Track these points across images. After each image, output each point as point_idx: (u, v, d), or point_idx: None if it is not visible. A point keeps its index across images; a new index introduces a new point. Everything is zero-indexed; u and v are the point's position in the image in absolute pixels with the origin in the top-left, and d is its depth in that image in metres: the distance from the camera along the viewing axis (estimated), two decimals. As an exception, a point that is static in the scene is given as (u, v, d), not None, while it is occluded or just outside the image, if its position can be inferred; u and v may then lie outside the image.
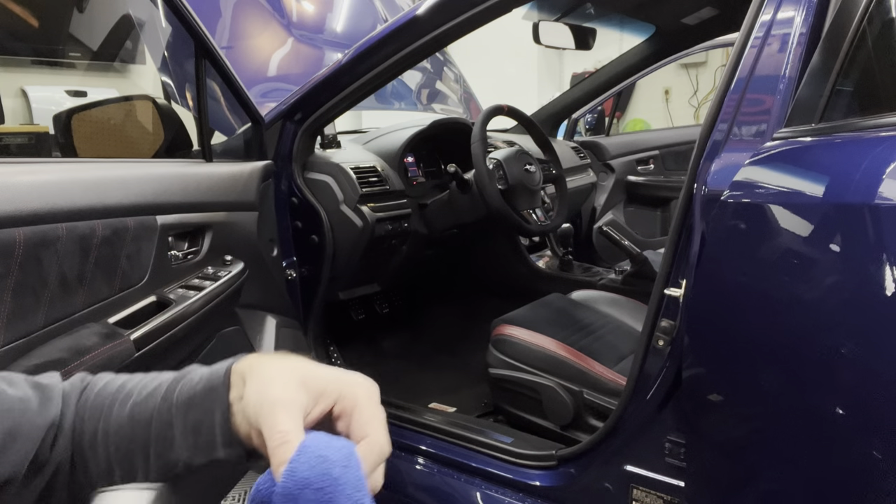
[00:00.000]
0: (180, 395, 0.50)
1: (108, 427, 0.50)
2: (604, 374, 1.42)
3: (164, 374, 0.53)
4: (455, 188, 1.77)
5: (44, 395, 0.50)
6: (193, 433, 0.49)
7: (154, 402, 0.50)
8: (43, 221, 0.88)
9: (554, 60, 5.58)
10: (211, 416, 0.49)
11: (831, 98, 0.86)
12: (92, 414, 0.51)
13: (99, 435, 0.50)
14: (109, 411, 0.51)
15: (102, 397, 0.51)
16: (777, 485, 0.89)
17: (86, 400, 0.51)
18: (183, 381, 0.51)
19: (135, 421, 0.50)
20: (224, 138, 1.59)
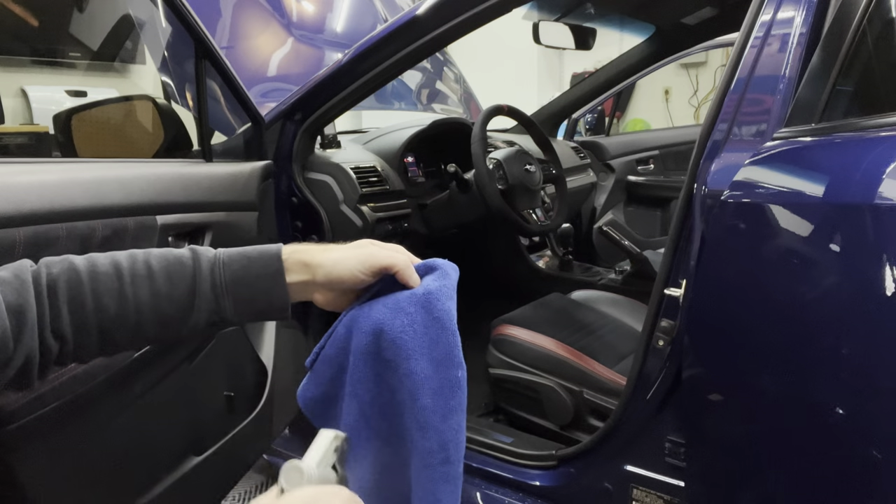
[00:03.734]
0: (224, 278, 0.63)
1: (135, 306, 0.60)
2: (604, 374, 1.42)
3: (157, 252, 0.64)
4: (455, 188, 1.77)
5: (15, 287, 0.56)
6: (246, 303, 0.64)
7: (186, 285, 0.62)
8: (43, 221, 0.88)
9: (554, 60, 5.58)
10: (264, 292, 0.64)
11: (831, 98, 0.86)
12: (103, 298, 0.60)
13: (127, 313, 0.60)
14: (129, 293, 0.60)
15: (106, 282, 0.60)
16: (777, 485, 0.89)
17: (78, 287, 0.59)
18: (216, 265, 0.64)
19: (164, 299, 0.61)
20: (224, 138, 1.58)
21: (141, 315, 0.61)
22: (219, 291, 0.63)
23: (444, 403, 0.64)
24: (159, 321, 0.62)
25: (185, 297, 0.62)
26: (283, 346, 1.50)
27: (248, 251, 0.66)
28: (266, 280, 0.64)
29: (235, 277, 0.64)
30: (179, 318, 0.62)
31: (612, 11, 2.29)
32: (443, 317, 0.64)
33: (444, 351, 0.64)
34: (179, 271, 0.63)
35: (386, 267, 0.66)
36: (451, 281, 0.68)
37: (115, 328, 0.60)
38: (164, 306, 0.61)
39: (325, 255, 0.66)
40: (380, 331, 0.64)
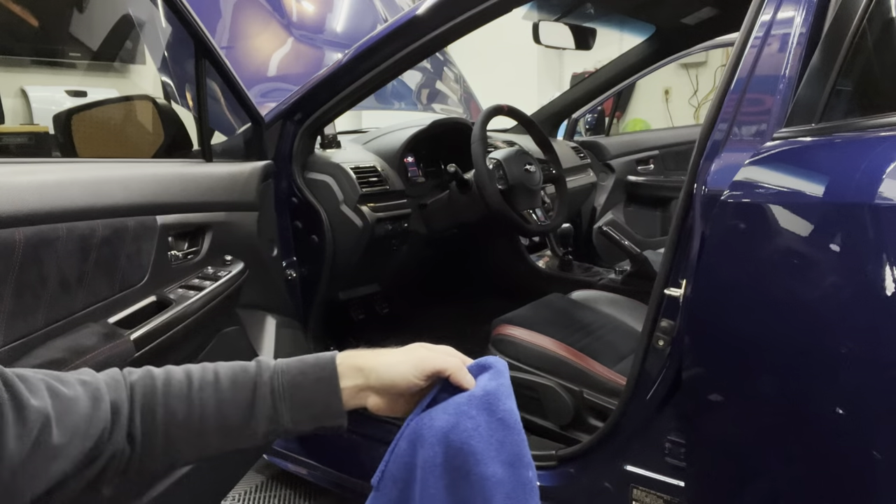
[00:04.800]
0: (282, 384, 0.65)
1: (201, 413, 0.62)
2: (604, 374, 1.42)
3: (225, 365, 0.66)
4: (455, 188, 1.77)
5: (93, 394, 0.57)
6: (301, 409, 0.65)
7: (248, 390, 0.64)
8: (43, 221, 0.88)
9: (554, 60, 5.57)
10: (319, 396, 0.65)
11: (831, 98, 0.86)
12: (174, 403, 0.61)
13: (192, 421, 0.61)
14: (197, 400, 0.62)
15: (178, 388, 0.62)
16: (777, 484, 0.89)
17: (153, 393, 0.61)
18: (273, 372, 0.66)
19: (229, 404, 0.63)
20: (224, 138, 1.59)
21: (205, 421, 0.62)
22: (277, 397, 0.64)
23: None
24: (221, 428, 0.63)
25: (246, 404, 0.63)
26: (283, 346, 1.50)
27: (306, 358, 0.67)
28: (321, 385, 0.65)
29: (293, 383, 0.65)
30: (240, 426, 0.63)
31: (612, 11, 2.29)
32: (507, 417, 0.64)
33: (512, 452, 0.64)
34: (242, 378, 0.65)
35: (439, 371, 0.66)
36: (507, 379, 0.67)
37: (179, 434, 0.61)
38: (228, 412, 0.63)
39: (378, 360, 0.67)
40: (446, 439, 0.63)
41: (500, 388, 0.66)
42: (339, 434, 0.70)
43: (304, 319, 1.69)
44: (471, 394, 0.65)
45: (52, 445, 0.51)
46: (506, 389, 0.66)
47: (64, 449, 0.52)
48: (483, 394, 0.65)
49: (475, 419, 0.63)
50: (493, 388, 0.65)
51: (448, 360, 0.67)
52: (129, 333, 0.98)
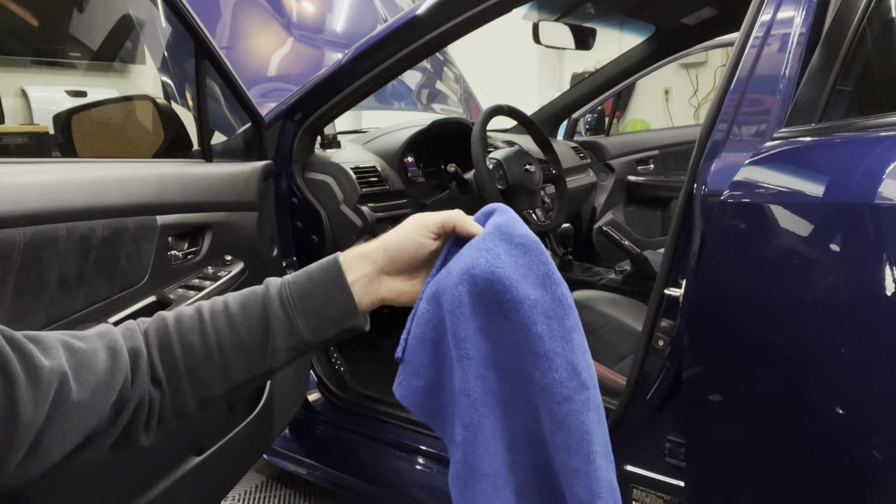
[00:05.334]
0: (290, 294, 0.62)
1: (216, 340, 0.60)
2: (604, 374, 1.42)
3: (234, 294, 0.65)
4: (455, 188, 1.77)
5: (110, 344, 0.57)
6: (316, 317, 0.62)
7: (259, 309, 0.62)
8: (43, 221, 0.88)
9: (554, 60, 5.57)
10: (330, 299, 0.62)
11: (831, 98, 0.86)
12: (188, 338, 0.60)
13: (210, 350, 0.60)
14: (209, 329, 0.61)
15: (189, 323, 0.61)
16: (777, 485, 0.89)
17: (166, 332, 0.61)
18: (281, 286, 0.63)
19: (242, 327, 0.61)
20: (224, 138, 1.59)
21: (223, 349, 0.61)
22: (289, 310, 0.62)
23: (560, 325, 0.59)
24: (241, 353, 0.61)
25: (260, 322, 0.62)
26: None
27: (310, 266, 0.65)
28: (329, 286, 0.63)
29: (301, 291, 0.63)
30: (259, 347, 0.61)
31: (612, 11, 2.30)
32: (525, 241, 0.61)
33: (540, 272, 0.60)
34: (251, 299, 0.63)
35: (442, 223, 0.64)
36: (513, 213, 0.65)
37: (201, 367, 0.60)
38: (243, 335, 0.61)
39: (380, 237, 0.65)
40: (469, 278, 0.59)
41: (510, 220, 0.63)
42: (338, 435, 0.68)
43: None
44: (483, 233, 0.63)
45: (72, 402, 0.51)
46: (516, 219, 0.64)
47: (87, 405, 0.52)
48: (494, 227, 0.62)
49: (493, 250, 0.60)
50: (503, 221, 0.63)
51: (449, 212, 0.64)
52: (129, 333, 0.98)
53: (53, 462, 0.51)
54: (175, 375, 0.59)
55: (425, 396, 0.65)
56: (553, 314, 0.59)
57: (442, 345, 0.63)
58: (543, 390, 0.59)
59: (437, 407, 0.65)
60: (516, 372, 0.61)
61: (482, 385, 0.61)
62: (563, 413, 0.58)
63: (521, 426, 0.63)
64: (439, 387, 0.65)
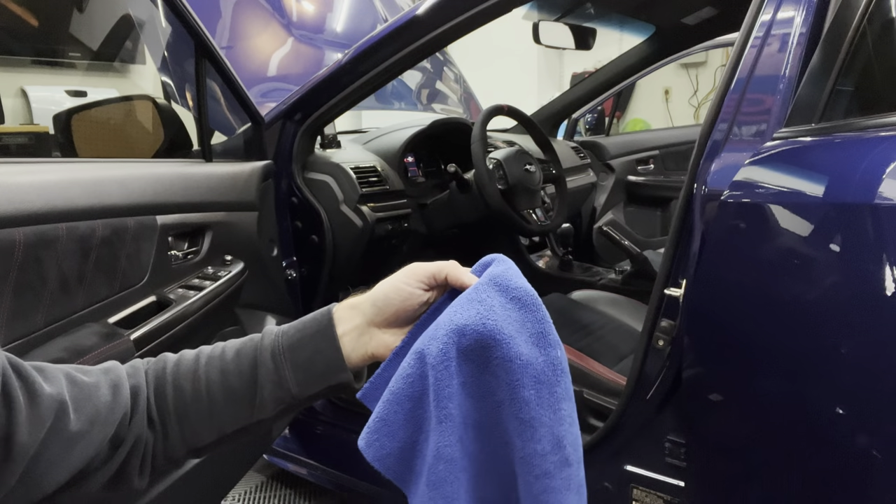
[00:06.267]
0: (282, 345, 0.60)
1: (206, 387, 0.59)
2: (604, 374, 1.42)
3: (234, 341, 0.63)
4: (455, 188, 1.77)
5: (113, 380, 0.57)
6: (304, 370, 0.59)
7: (250, 357, 0.60)
8: (43, 221, 0.88)
9: (554, 60, 5.57)
10: (320, 352, 0.59)
11: (831, 98, 0.86)
12: (180, 381, 0.59)
13: (200, 395, 0.58)
14: (202, 374, 0.59)
15: (187, 365, 0.60)
16: (777, 484, 0.89)
17: (164, 373, 0.60)
18: (275, 335, 0.61)
19: (233, 374, 0.59)
20: (224, 138, 1.59)
21: (211, 396, 0.58)
22: (278, 361, 0.59)
23: (550, 392, 0.54)
24: (229, 401, 0.59)
25: (249, 372, 0.59)
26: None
27: (306, 316, 0.62)
28: (319, 338, 0.59)
29: (291, 343, 0.60)
30: (247, 396, 0.59)
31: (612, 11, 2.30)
32: (522, 295, 0.55)
33: (535, 331, 0.55)
34: (246, 347, 0.61)
35: (433, 273, 0.59)
36: (512, 264, 0.59)
37: (190, 412, 0.58)
38: (232, 383, 0.59)
39: (371, 289, 0.61)
40: (457, 329, 0.54)
41: (508, 271, 0.57)
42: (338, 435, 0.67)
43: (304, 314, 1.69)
44: (477, 283, 0.57)
45: (70, 432, 0.51)
46: (514, 271, 0.58)
47: (84, 436, 0.52)
48: (490, 278, 0.57)
49: (485, 302, 0.54)
50: (500, 272, 0.57)
51: (443, 263, 0.60)
52: (129, 333, 0.98)
53: (44, 493, 0.50)
54: (166, 419, 0.58)
55: (399, 459, 0.58)
56: (544, 379, 0.54)
57: (422, 402, 0.56)
58: (523, 460, 0.54)
59: (410, 471, 0.58)
60: (497, 433, 0.56)
61: (461, 448, 0.56)
62: (540, 489, 0.53)
63: (496, 494, 0.58)
64: (415, 450, 0.58)
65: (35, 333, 0.87)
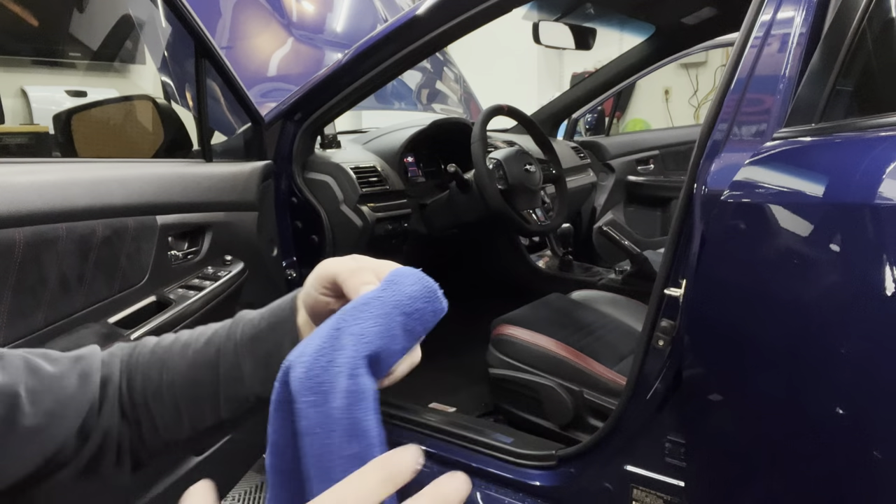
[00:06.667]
0: (244, 334, 0.52)
1: (172, 378, 0.52)
2: (604, 374, 1.42)
3: (215, 324, 0.55)
4: (455, 188, 1.77)
5: (83, 369, 0.52)
6: (265, 366, 0.51)
7: (215, 346, 0.52)
8: (43, 221, 0.88)
9: (554, 60, 5.58)
10: (280, 346, 0.50)
11: (831, 98, 0.86)
12: (150, 370, 0.53)
13: (164, 387, 0.52)
14: (170, 363, 0.53)
15: (159, 352, 0.54)
16: (777, 485, 0.89)
17: (137, 360, 0.54)
18: (243, 322, 0.53)
19: (198, 366, 0.52)
20: (224, 138, 1.59)
21: (176, 390, 0.52)
22: (239, 354, 0.51)
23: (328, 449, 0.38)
24: (192, 397, 0.52)
25: (212, 364, 0.52)
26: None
27: (274, 302, 0.53)
28: (279, 329, 0.51)
29: (254, 333, 0.52)
30: (209, 395, 0.52)
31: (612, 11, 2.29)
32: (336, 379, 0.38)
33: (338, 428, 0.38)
34: (217, 334, 0.53)
35: (332, 278, 0.47)
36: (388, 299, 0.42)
37: (161, 405, 0.52)
38: (199, 378, 0.52)
39: None
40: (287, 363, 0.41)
41: (361, 306, 0.41)
42: None
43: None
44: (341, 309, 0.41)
45: (23, 426, 0.47)
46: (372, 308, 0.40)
47: (41, 431, 0.48)
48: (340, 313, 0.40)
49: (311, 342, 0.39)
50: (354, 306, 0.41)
51: (341, 266, 0.47)
52: (129, 333, 0.98)
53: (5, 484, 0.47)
54: (138, 409, 0.53)
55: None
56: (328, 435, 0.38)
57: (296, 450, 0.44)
58: None
59: None
60: None
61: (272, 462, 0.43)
62: None
63: None
64: None
65: (35, 333, 0.87)
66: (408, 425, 1.50)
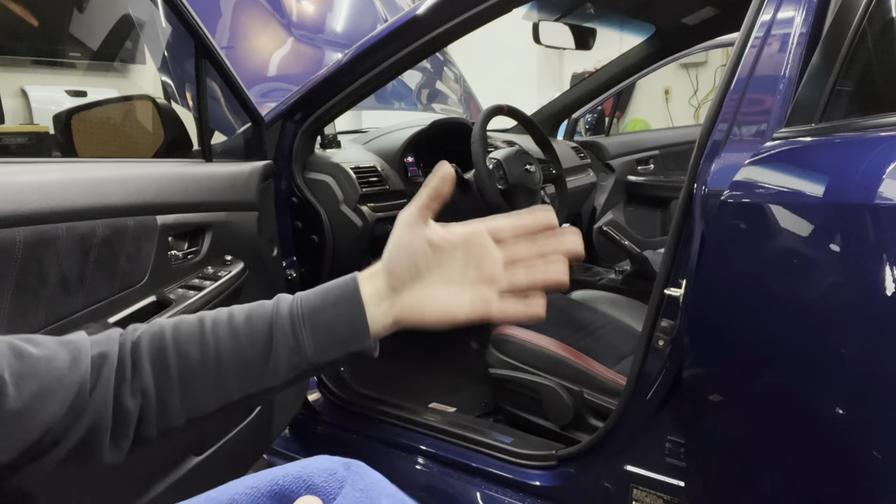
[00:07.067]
0: (303, 307, 0.58)
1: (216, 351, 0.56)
2: (604, 374, 1.42)
3: (242, 305, 0.60)
4: (455, 188, 1.77)
5: (71, 351, 0.53)
6: (325, 335, 0.57)
7: (265, 320, 0.57)
8: (43, 221, 0.88)
9: (554, 60, 5.58)
10: (344, 316, 0.57)
11: (831, 98, 0.86)
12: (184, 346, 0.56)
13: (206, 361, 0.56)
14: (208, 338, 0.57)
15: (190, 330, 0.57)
16: (777, 485, 0.89)
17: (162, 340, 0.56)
18: (294, 300, 0.59)
19: (244, 337, 0.57)
20: (224, 138, 1.59)
21: (220, 360, 0.56)
22: (296, 325, 0.57)
23: None
24: (239, 365, 0.57)
25: (264, 336, 0.57)
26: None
27: (328, 283, 0.60)
28: (342, 304, 0.58)
29: (312, 307, 0.58)
30: (260, 360, 0.57)
31: (612, 11, 2.30)
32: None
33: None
34: (258, 311, 0.59)
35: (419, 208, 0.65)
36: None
37: (196, 378, 0.56)
38: (245, 347, 0.57)
39: None
40: None
41: None
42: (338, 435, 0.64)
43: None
44: None
45: (7, 409, 0.47)
46: None
47: (25, 413, 0.48)
48: None
49: None
50: None
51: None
52: (129, 333, 0.98)
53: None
54: (166, 386, 0.55)
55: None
56: None
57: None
58: None
59: None
60: None
61: None
62: None
63: None
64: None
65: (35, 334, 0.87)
66: (408, 425, 1.50)
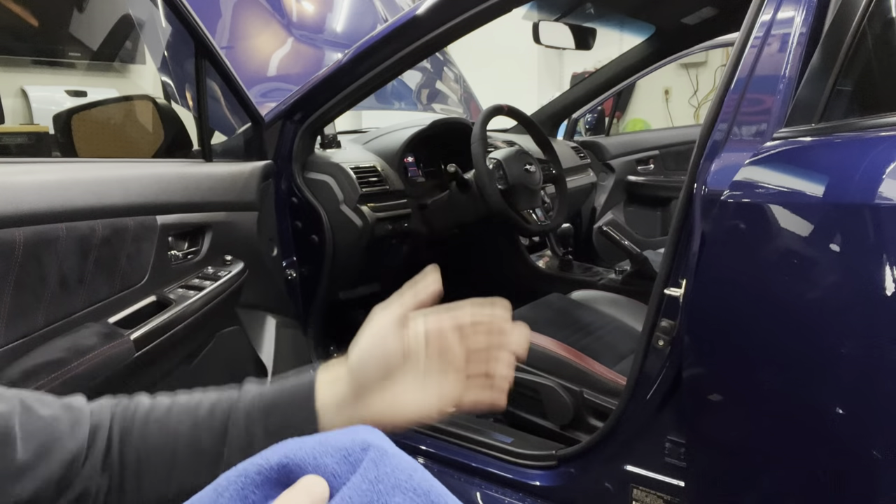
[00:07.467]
0: (258, 407, 0.56)
1: (172, 439, 0.55)
2: (604, 374, 1.42)
3: (213, 392, 0.59)
4: (455, 188, 1.77)
5: (74, 417, 0.52)
6: (278, 435, 0.51)
7: (222, 412, 0.56)
8: (43, 221, 0.88)
9: (554, 60, 5.58)
10: (294, 426, 0.54)
11: (831, 98, 0.86)
12: (148, 428, 0.55)
13: (163, 447, 0.54)
14: (171, 425, 0.55)
15: (158, 413, 0.56)
16: (777, 484, 0.89)
17: (134, 417, 0.55)
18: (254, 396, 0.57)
19: (202, 430, 0.55)
20: (224, 138, 1.59)
21: (178, 449, 0.55)
22: (250, 423, 0.55)
23: None
24: (193, 455, 0.55)
25: (221, 430, 0.55)
26: (283, 346, 1.50)
27: (287, 381, 0.58)
28: (294, 408, 0.56)
29: (266, 406, 0.56)
30: (214, 456, 0.54)
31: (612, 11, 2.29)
32: None
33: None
34: (222, 402, 0.57)
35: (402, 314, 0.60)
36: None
37: (154, 462, 0.54)
38: (202, 438, 0.55)
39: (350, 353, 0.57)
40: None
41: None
42: None
43: (304, 320, 1.69)
44: None
45: (16, 462, 0.46)
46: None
47: (29, 469, 0.47)
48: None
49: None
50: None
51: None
52: (129, 333, 0.98)
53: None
54: (126, 466, 0.54)
55: None
56: None
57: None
58: None
59: None
60: None
61: None
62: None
63: None
64: None
65: (35, 333, 0.87)
66: (408, 425, 1.50)
